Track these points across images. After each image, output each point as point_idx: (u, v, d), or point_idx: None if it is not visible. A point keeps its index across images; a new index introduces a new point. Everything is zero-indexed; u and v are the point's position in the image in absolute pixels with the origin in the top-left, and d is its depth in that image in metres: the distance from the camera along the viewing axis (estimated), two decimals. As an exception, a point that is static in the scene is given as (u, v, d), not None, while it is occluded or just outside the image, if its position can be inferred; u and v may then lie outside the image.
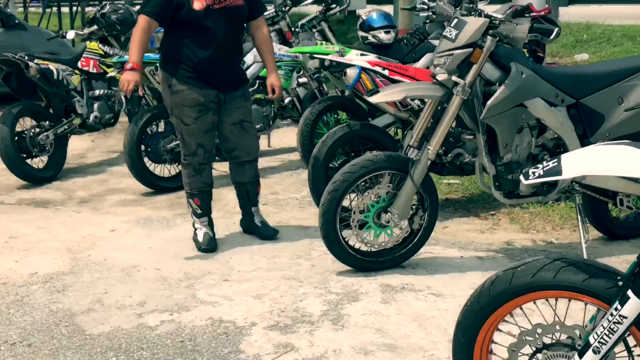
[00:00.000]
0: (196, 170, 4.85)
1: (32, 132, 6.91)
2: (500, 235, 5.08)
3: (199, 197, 4.92)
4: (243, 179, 5.06)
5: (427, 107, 4.33)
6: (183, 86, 4.67)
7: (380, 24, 6.68)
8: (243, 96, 4.87)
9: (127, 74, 4.55)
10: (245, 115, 4.89)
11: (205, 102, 4.68)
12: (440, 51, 4.17)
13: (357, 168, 4.22)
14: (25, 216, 5.86)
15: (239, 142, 4.91)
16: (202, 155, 4.82)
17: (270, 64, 4.94)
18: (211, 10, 4.58)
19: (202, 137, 4.77)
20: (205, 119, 4.72)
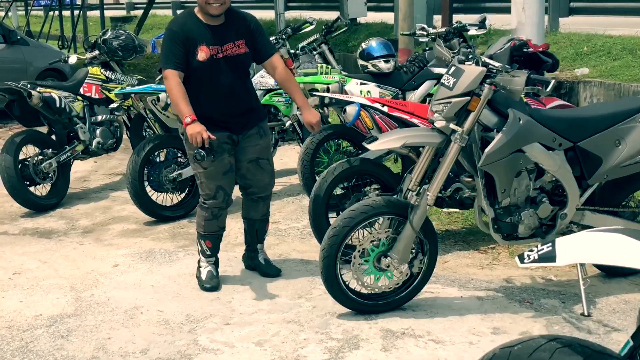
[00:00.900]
0: (214, 215, 4.91)
1: (35, 160, 6.97)
2: (499, 272, 5.13)
3: (211, 240, 4.98)
4: (255, 216, 5.12)
5: (426, 153, 4.37)
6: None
7: (380, 53, 6.74)
8: (258, 134, 4.91)
9: (191, 127, 4.43)
10: (261, 153, 4.94)
11: (219, 143, 4.71)
12: (438, 98, 4.22)
13: (356, 213, 4.27)
14: (29, 248, 5.92)
15: (254, 179, 4.98)
16: (222, 199, 4.86)
17: (300, 101, 4.86)
18: (214, 60, 4.64)
19: (221, 179, 4.82)
20: (222, 161, 4.77)
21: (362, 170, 5.37)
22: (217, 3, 4.61)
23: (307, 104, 4.90)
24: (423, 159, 4.39)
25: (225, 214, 4.99)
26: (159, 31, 23.62)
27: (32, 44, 12.44)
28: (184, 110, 4.51)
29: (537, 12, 6.41)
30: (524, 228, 4.44)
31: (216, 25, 4.71)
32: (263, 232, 5.21)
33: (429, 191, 4.25)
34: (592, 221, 4.62)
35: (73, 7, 24.17)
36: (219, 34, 4.70)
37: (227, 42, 4.69)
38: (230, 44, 4.70)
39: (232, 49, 4.70)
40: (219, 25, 4.72)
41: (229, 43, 4.70)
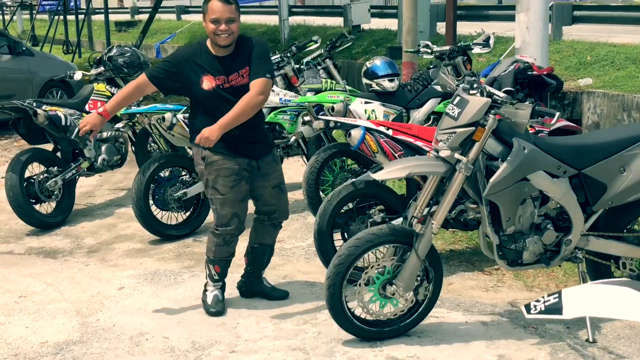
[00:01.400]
0: (225, 242, 4.92)
1: (40, 178, 6.99)
2: (504, 294, 5.14)
3: (220, 265, 4.99)
4: (270, 242, 5.16)
5: (430, 181, 4.38)
6: (217, 156, 4.72)
7: (384, 72, 6.75)
8: (274, 160, 4.97)
9: (91, 115, 4.81)
10: (281, 178, 5.02)
11: (239, 170, 4.75)
12: (443, 128, 4.23)
13: (362, 242, 4.28)
14: (35, 269, 5.94)
15: (278, 204, 5.02)
16: (235, 226, 4.86)
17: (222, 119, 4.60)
18: (221, 90, 4.66)
19: (238, 206, 4.84)
20: (240, 188, 4.80)
21: (367, 192, 5.38)
22: (224, 34, 4.61)
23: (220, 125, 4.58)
24: (428, 186, 4.39)
25: (236, 240, 4.99)
26: (163, 36, 23.71)
27: (37, 54, 12.48)
28: (110, 102, 4.95)
29: (541, 32, 6.41)
30: (529, 254, 4.45)
31: (224, 56, 4.71)
32: (270, 258, 5.24)
33: (434, 220, 4.26)
34: (597, 246, 4.63)
35: (78, 12, 24.22)
36: (226, 64, 4.70)
37: (232, 73, 4.70)
38: (235, 74, 4.71)
39: (236, 79, 4.71)
40: (228, 56, 4.72)
41: (234, 73, 4.70)
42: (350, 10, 18.05)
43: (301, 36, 18.99)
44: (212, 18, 4.60)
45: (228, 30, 4.62)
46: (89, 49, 25.50)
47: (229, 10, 4.61)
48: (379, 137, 5.19)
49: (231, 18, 4.62)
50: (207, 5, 4.64)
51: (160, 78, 4.77)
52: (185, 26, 24.39)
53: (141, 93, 4.93)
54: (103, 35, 25.66)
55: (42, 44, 20.70)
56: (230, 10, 4.62)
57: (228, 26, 4.61)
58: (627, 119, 9.44)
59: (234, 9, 4.64)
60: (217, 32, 4.62)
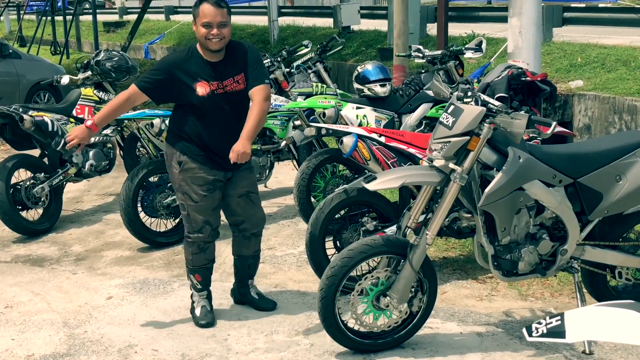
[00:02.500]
0: (200, 249, 4.83)
1: (27, 184, 6.88)
2: (498, 304, 5.07)
3: (200, 273, 4.90)
4: (247, 253, 5.04)
5: (424, 191, 4.31)
6: (195, 164, 4.65)
7: (376, 77, 6.68)
8: (248, 169, 4.86)
9: (78, 129, 4.71)
10: (251, 187, 4.89)
11: (214, 180, 4.68)
12: (437, 137, 4.15)
13: (355, 253, 4.20)
14: (21, 278, 5.83)
15: (246, 214, 4.90)
16: (208, 233, 4.78)
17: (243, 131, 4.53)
18: (215, 95, 4.57)
19: (210, 214, 4.75)
20: (213, 197, 4.72)
21: (360, 200, 5.30)
22: (216, 38, 4.52)
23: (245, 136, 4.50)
24: (422, 196, 4.32)
25: (212, 246, 4.91)
26: (152, 36, 23.56)
27: (25, 57, 12.36)
28: (98, 115, 4.77)
29: (535, 36, 6.34)
30: (524, 265, 4.38)
31: (216, 62, 4.62)
32: (255, 267, 5.14)
33: (429, 230, 4.19)
34: (593, 256, 4.57)
35: (65, 13, 24.04)
36: (219, 69, 4.61)
37: (227, 78, 4.61)
38: (230, 80, 4.62)
39: (231, 85, 4.62)
40: (220, 61, 4.63)
41: (229, 79, 4.61)
42: (340, 11, 17.98)
43: (291, 37, 18.91)
44: (204, 22, 4.50)
45: (220, 35, 4.53)
46: (76, 49, 25.35)
47: (221, 14, 4.52)
48: (371, 144, 5.12)
49: (223, 22, 4.53)
50: (198, 9, 4.54)
51: (153, 87, 4.64)
52: (174, 27, 24.24)
53: (132, 104, 4.78)
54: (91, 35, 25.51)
55: (30, 44, 20.52)
56: (222, 14, 4.53)
57: (220, 30, 4.52)
58: (618, 122, 9.41)
59: (226, 13, 4.55)
60: (208, 37, 4.53)
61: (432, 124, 6.88)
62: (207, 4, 4.52)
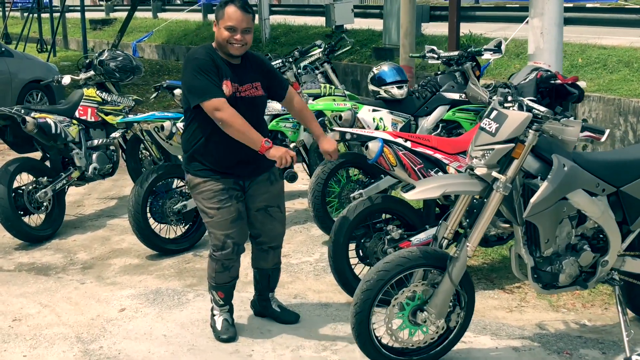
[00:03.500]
0: (224, 267, 4.57)
1: (29, 188, 6.63)
2: (530, 316, 4.88)
3: (223, 291, 4.66)
4: (266, 265, 4.83)
5: (462, 200, 4.11)
6: (198, 179, 4.45)
7: (393, 78, 6.47)
8: (268, 180, 4.60)
9: (275, 150, 4.21)
10: (271, 200, 4.64)
11: (225, 189, 4.42)
12: (478, 144, 3.95)
13: (391, 266, 3.99)
14: (27, 288, 5.58)
15: (263, 228, 4.68)
16: (231, 249, 4.50)
17: (316, 130, 4.70)
18: (235, 98, 4.34)
19: (229, 227, 4.48)
20: (229, 208, 4.46)
21: (384, 208, 5.11)
22: (238, 44, 4.31)
23: (323, 132, 4.71)
24: (459, 206, 4.12)
25: (237, 265, 4.64)
26: (140, 34, 23.25)
27: (17, 55, 12.03)
28: (257, 137, 4.22)
29: (556, 38, 6.16)
30: (565, 277, 4.19)
31: (235, 64, 4.42)
32: (275, 280, 4.93)
33: (469, 242, 3.99)
34: (633, 267, 4.39)
35: (52, 10, 23.69)
36: (238, 73, 4.40)
37: (245, 83, 4.40)
38: (248, 85, 4.41)
39: (249, 90, 4.41)
40: (237, 65, 4.43)
41: (247, 84, 4.41)
42: (333, 10, 17.79)
43: (282, 36, 18.70)
44: (228, 25, 4.28)
45: (243, 41, 4.32)
46: (63, 47, 25.00)
47: (247, 20, 4.31)
48: (397, 149, 4.91)
49: (248, 28, 4.32)
50: (224, 10, 4.31)
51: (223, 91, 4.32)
52: (162, 25, 23.95)
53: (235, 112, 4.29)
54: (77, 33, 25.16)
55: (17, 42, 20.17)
56: (248, 20, 4.32)
57: (243, 36, 4.31)
58: (623, 124, 9.29)
59: (251, 19, 4.34)
60: (231, 41, 4.31)
61: (448, 127, 6.70)
62: (234, 6, 4.29)
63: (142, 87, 14.16)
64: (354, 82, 13.65)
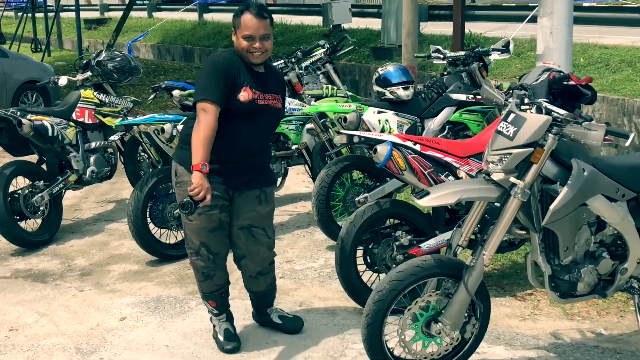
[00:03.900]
0: (205, 276, 4.39)
1: (25, 192, 6.45)
2: (544, 324, 4.73)
3: (214, 299, 4.50)
4: (258, 289, 4.64)
5: (477, 206, 3.96)
6: (188, 177, 4.12)
7: (398, 79, 6.32)
8: (258, 198, 4.36)
9: (200, 177, 3.92)
10: (256, 221, 4.39)
11: (212, 196, 4.09)
12: (495, 148, 3.79)
13: (405, 275, 3.83)
14: (24, 296, 5.42)
15: (247, 250, 4.44)
16: (205, 258, 4.31)
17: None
18: (255, 105, 4.18)
19: (207, 236, 4.29)
20: (211, 216, 4.25)
21: (393, 213, 4.96)
22: (258, 52, 4.16)
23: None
24: (474, 212, 3.97)
25: (220, 273, 4.44)
26: (135, 34, 23.07)
27: (11, 55, 11.84)
28: (202, 154, 3.95)
29: (566, 37, 5.99)
30: (584, 285, 4.03)
31: (259, 72, 4.27)
32: (272, 298, 4.74)
33: (485, 250, 3.83)
34: (652, 274, 4.24)
35: (47, 10, 23.48)
36: (261, 81, 4.25)
37: (270, 92, 4.27)
38: (272, 95, 4.28)
39: (272, 100, 4.28)
40: (261, 73, 4.29)
41: (271, 93, 4.28)
42: (330, 9, 17.65)
43: (279, 35, 18.53)
44: (246, 34, 4.13)
45: (262, 48, 4.17)
46: (57, 47, 24.81)
47: (264, 26, 4.15)
48: (406, 152, 4.75)
49: (266, 35, 4.16)
50: (240, 19, 4.16)
51: (222, 99, 4.10)
52: (157, 24, 23.77)
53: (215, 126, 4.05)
54: (72, 33, 24.95)
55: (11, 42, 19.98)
56: (265, 25, 4.16)
57: (262, 44, 4.16)
58: (627, 124, 9.16)
59: (269, 24, 4.18)
60: (250, 50, 4.16)
61: (455, 129, 6.56)
62: (250, 14, 4.13)
63: (138, 87, 13.97)
64: (352, 82, 13.50)
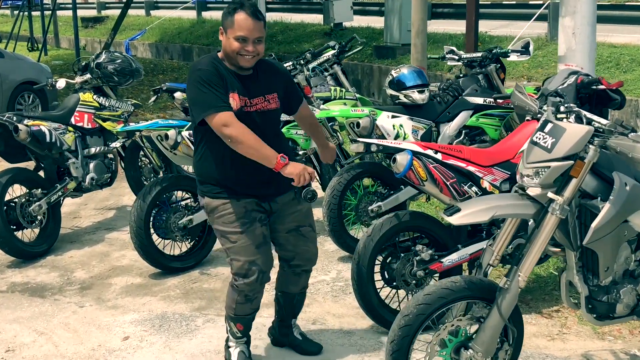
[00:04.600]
0: (247, 299, 4.08)
1: (22, 200, 6.16)
2: (574, 344, 4.46)
3: (242, 322, 4.20)
4: (294, 289, 4.37)
5: (510, 223, 3.67)
6: (217, 202, 3.96)
7: (414, 82, 6.03)
8: (294, 199, 4.14)
9: (292, 166, 3.78)
10: (302, 220, 4.20)
11: (247, 212, 3.95)
12: (531, 161, 3.51)
13: (433, 299, 3.55)
14: (21, 312, 5.13)
15: (297, 250, 4.23)
16: (255, 277, 4.01)
17: (320, 141, 4.51)
18: (243, 113, 3.87)
19: (255, 253, 4.00)
20: (253, 232, 3.98)
21: (413, 225, 4.68)
22: (249, 55, 3.85)
23: (327, 142, 4.54)
24: (507, 229, 3.69)
25: (261, 295, 4.16)
26: (132, 32, 22.76)
27: (7, 55, 11.53)
28: (271, 154, 3.77)
29: (589, 37, 5.72)
30: (623, 307, 3.75)
31: (244, 75, 3.95)
32: (301, 305, 4.48)
33: (521, 271, 3.54)
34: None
35: (43, 8, 23.16)
36: (248, 85, 3.94)
37: (256, 96, 3.94)
38: (260, 98, 3.95)
39: (262, 104, 3.95)
40: (248, 76, 3.96)
41: (258, 97, 3.95)
42: (332, 7, 17.38)
43: (279, 34, 18.24)
44: (239, 35, 3.81)
45: (255, 52, 3.86)
46: (54, 46, 24.49)
47: (259, 29, 3.85)
48: (427, 162, 4.47)
49: (260, 38, 3.86)
50: (233, 19, 3.83)
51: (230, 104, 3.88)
52: (155, 22, 23.46)
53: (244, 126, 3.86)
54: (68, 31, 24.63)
55: (7, 41, 19.65)
56: (260, 28, 3.86)
57: (255, 47, 3.85)
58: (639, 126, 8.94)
59: (263, 27, 3.88)
60: (241, 52, 3.84)
61: (471, 134, 6.28)
62: (244, 13, 3.82)
63: (137, 88, 13.67)
64: (354, 82, 13.22)
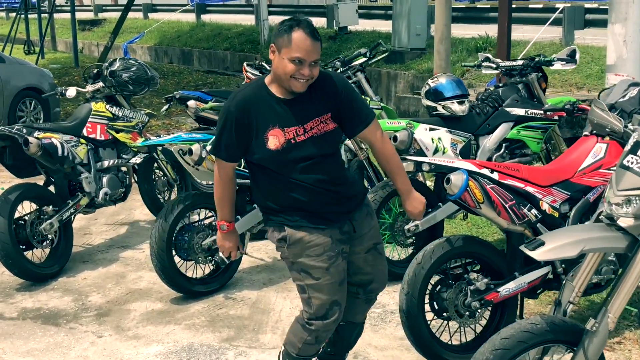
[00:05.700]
0: (318, 340, 3.66)
1: (32, 218, 5.75)
2: (644, 382, 4.09)
3: None
4: (361, 319, 3.95)
5: (595, 256, 3.29)
6: (302, 232, 3.51)
7: (453, 92, 5.64)
8: (368, 214, 3.72)
9: (221, 237, 3.78)
10: (376, 236, 3.77)
11: (332, 243, 3.51)
12: (623, 188, 3.12)
13: (512, 343, 3.15)
14: (34, 344, 4.72)
15: (374, 271, 3.79)
16: (336, 317, 3.60)
17: (403, 186, 3.77)
18: (294, 145, 3.43)
19: (337, 291, 3.59)
20: (337, 267, 3.55)
21: (466, 252, 4.29)
22: (304, 79, 3.38)
23: (412, 189, 3.78)
24: (590, 263, 3.31)
25: (330, 335, 3.75)
26: (130, 35, 22.42)
27: (9, 60, 11.09)
28: (222, 214, 3.72)
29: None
30: None
31: (294, 99, 3.48)
32: (359, 337, 4.04)
33: (611, 312, 3.15)
34: None
35: (40, 11, 22.74)
36: (300, 109, 3.48)
37: (311, 119, 3.48)
38: (316, 120, 3.49)
39: (318, 126, 3.49)
40: (298, 98, 3.48)
41: (314, 119, 3.48)
42: (337, 10, 17.05)
43: (283, 37, 17.87)
44: (295, 57, 3.32)
45: (309, 75, 3.39)
46: (51, 49, 24.08)
47: (317, 50, 3.37)
48: (484, 182, 4.08)
49: (317, 60, 3.40)
50: (290, 37, 3.33)
51: (237, 155, 3.57)
52: (154, 25, 23.09)
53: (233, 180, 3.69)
54: (65, 34, 24.23)
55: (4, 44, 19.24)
56: (318, 49, 3.38)
57: (311, 70, 3.38)
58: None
59: (320, 47, 3.40)
60: (296, 76, 3.37)
61: (512, 147, 5.90)
62: (303, 33, 3.32)
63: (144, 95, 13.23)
64: (362, 87, 12.86)
